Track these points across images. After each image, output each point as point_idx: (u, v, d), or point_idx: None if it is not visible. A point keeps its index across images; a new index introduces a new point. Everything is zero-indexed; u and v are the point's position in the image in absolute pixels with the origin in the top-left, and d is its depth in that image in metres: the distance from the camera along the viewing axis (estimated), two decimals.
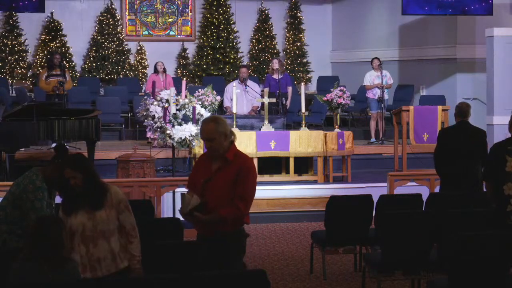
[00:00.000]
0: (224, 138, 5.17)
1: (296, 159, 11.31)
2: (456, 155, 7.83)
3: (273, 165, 11.39)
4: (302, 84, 12.14)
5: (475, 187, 7.83)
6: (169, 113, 11.00)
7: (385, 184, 10.12)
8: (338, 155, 11.59)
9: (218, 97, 11.97)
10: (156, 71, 14.07)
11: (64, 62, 14.32)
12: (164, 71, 14.10)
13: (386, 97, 14.06)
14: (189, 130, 10.79)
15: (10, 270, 4.60)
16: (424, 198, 7.60)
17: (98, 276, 4.86)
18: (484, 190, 7.80)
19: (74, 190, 4.95)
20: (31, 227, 4.76)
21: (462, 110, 8.03)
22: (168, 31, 17.33)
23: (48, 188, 5.58)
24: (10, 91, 15.58)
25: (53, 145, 12.72)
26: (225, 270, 4.98)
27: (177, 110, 11.15)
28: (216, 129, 5.16)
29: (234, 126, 11.36)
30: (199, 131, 10.81)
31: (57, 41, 16.28)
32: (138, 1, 17.13)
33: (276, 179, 11.37)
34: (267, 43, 17.39)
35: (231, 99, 11.86)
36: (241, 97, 12.76)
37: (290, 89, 13.60)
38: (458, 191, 7.66)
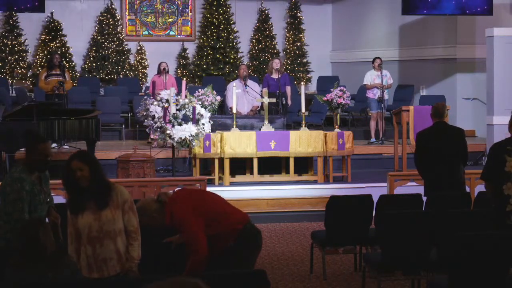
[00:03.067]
0: (154, 218, 5.30)
1: (296, 159, 11.31)
2: (437, 155, 7.80)
3: (273, 165, 11.39)
4: (302, 84, 12.14)
5: (459, 187, 7.82)
6: (169, 113, 11.00)
7: (385, 184, 10.12)
8: (338, 155, 11.59)
9: (218, 97, 11.97)
10: (158, 71, 14.02)
11: (64, 62, 14.31)
12: (165, 71, 14.03)
13: (386, 97, 14.06)
14: (189, 130, 10.79)
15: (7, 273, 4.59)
16: (424, 198, 7.60)
17: (104, 276, 4.86)
18: (478, 190, 7.82)
19: (79, 185, 4.92)
20: (19, 233, 4.74)
21: (438, 111, 8.00)
22: (168, 31, 17.34)
23: (39, 173, 5.57)
24: (10, 91, 15.58)
25: (54, 145, 12.73)
26: (225, 270, 4.99)
27: (177, 110, 11.15)
28: (146, 221, 5.29)
29: (234, 126, 11.37)
30: (199, 131, 10.83)
31: (57, 41, 16.28)
32: (138, 1, 17.13)
33: (276, 179, 11.37)
34: (267, 43, 17.39)
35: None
36: (242, 97, 12.77)
37: (288, 88, 13.59)
38: (442, 191, 7.65)
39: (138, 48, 16.89)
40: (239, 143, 11.05)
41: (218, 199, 5.62)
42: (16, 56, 16.08)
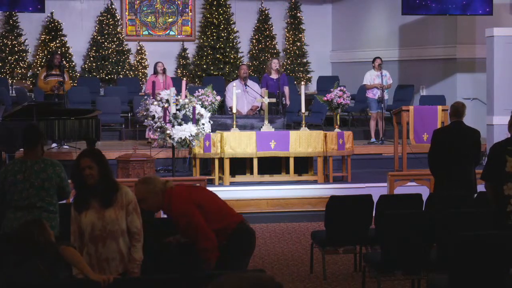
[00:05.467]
0: (155, 195, 5.37)
1: (296, 159, 11.31)
2: (451, 155, 7.79)
3: (273, 165, 11.39)
4: (302, 84, 12.14)
5: (469, 187, 7.81)
6: (169, 113, 11.00)
7: (385, 184, 10.12)
8: (338, 155, 11.59)
9: (218, 97, 11.97)
10: (155, 72, 14.03)
11: (64, 62, 14.30)
12: (164, 71, 14.05)
13: (386, 97, 14.06)
14: (189, 130, 10.79)
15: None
16: (424, 198, 7.60)
17: None
18: (478, 190, 7.82)
19: (86, 183, 4.93)
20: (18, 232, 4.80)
21: (458, 110, 7.97)
22: (168, 31, 17.33)
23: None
24: (10, 91, 15.58)
25: (54, 145, 12.73)
26: (226, 270, 4.99)
27: (177, 110, 11.14)
28: (144, 189, 5.37)
29: (234, 126, 11.36)
30: (199, 131, 10.83)
31: (57, 41, 16.28)
32: (138, 1, 17.13)
33: (276, 179, 11.37)
34: (267, 43, 17.39)
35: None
36: (242, 97, 12.76)
37: (287, 88, 13.58)
38: (452, 191, 7.64)
39: (138, 48, 16.89)
40: (239, 143, 11.05)
41: (215, 198, 5.66)
42: (16, 56, 16.08)
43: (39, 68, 15.39)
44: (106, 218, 4.90)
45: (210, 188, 10.04)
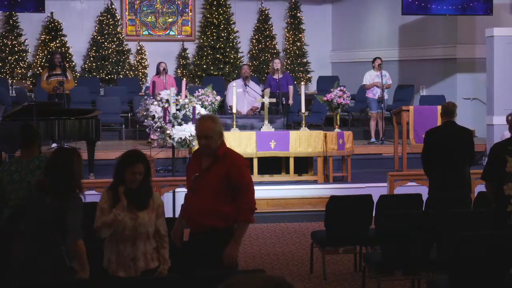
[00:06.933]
0: (219, 137, 5.24)
1: (296, 159, 11.31)
2: (444, 155, 7.78)
3: (273, 165, 11.39)
4: (302, 84, 12.15)
5: (464, 186, 7.81)
6: (169, 113, 11.01)
7: (385, 184, 10.13)
8: (338, 155, 11.60)
9: (218, 97, 11.97)
10: (158, 72, 14.01)
11: (64, 62, 14.29)
12: (165, 71, 14.03)
13: (386, 97, 14.06)
14: (189, 130, 10.80)
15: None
16: (424, 198, 7.60)
17: (131, 275, 4.84)
18: (478, 190, 7.82)
19: (129, 186, 4.90)
20: (51, 158, 5.08)
21: (449, 110, 7.94)
22: (168, 31, 17.34)
23: None
24: (10, 91, 15.59)
25: (53, 145, 12.73)
26: (227, 269, 4.99)
27: (177, 110, 11.15)
28: (214, 128, 5.22)
29: (234, 126, 11.37)
30: None
31: (57, 41, 16.28)
32: (138, 1, 17.13)
33: (276, 179, 11.37)
34: (267, 43, 17.39)
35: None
36: (242, 97, 12.77)
37: (291, 88, 13.61)
38: (447, 191, 7.64)
39: (138, 48, 16.89)
40: (239, 143, 11.05)
41: None
42: (16, 56, 16.08)
43: (39, 68, 15.39)
44: (140, 220, 4.89)
45: None
